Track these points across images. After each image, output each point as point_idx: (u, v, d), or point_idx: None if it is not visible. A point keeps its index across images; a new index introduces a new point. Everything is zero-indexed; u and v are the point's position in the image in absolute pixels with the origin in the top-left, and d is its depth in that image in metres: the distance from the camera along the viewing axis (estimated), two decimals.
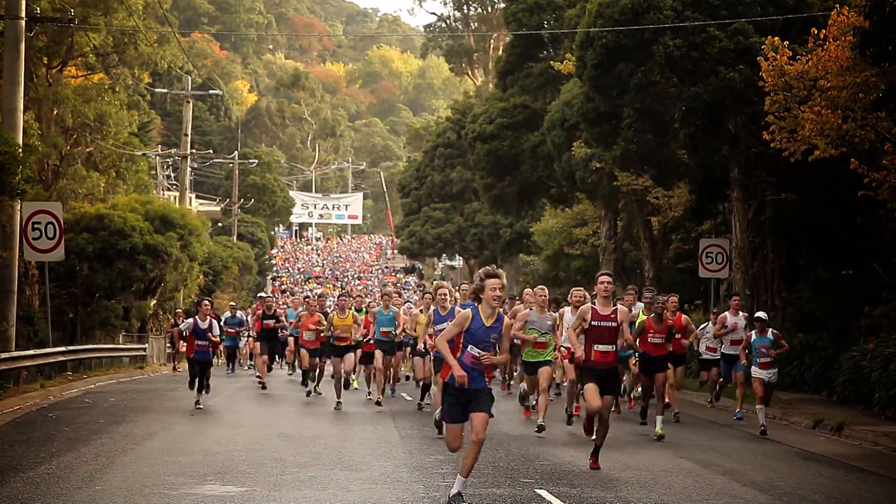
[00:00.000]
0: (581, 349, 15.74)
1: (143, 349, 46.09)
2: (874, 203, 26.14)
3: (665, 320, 21.10)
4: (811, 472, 16.12)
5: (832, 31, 24.39)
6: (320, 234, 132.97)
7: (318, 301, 30.02)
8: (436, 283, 20.48)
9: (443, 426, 13.63)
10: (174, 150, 63.99)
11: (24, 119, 32.32)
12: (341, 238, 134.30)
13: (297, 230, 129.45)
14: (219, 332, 26.51)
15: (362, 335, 25.59)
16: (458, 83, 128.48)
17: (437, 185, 79.76)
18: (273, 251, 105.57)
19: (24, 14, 31.41)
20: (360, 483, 13.97)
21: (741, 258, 31.94)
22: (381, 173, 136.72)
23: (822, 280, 30.94)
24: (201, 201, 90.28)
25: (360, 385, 30.41)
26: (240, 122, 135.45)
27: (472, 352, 12.25)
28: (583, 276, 46.99)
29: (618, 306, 15.72)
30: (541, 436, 18.72)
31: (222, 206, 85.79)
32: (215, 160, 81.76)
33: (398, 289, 51.51)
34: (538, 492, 13.44)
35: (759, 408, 20.79)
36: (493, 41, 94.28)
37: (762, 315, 21.34)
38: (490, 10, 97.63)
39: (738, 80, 28.61)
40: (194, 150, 63.17)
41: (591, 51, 30.88)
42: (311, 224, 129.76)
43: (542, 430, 18.95)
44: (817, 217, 30.66)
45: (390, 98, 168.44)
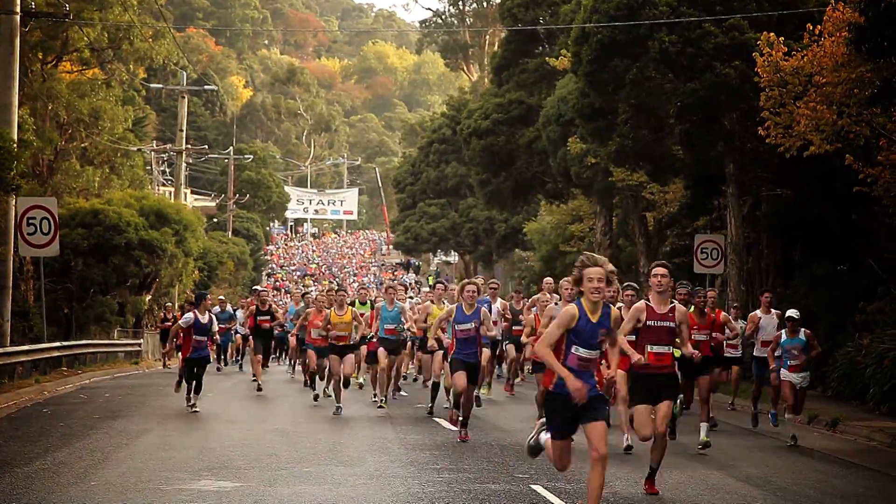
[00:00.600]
0: (636, 354, 13.65)
1: (139, 345, 46.03)
2: (869, 199, 26.17)
3: (708, 314, 19.32)
4: (806, 467, 16.13)
5: (827, 26, 24.39)
6: (316, 230, 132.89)
7: (327, 296, 25.05)
8: (464, 281, 18.45)
9: (538, 448, 11.54)
10: (169, 146, 63.92)
11: (18, 114, 32.27)
12: (336, 233, 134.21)
13: (292, 226, 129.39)
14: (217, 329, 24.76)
15: (363, 333, 23.49)
16: (454, 79, 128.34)
17: (433, 180, 79.73)
18: (268, 247, 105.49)
19: (18, 9, 31.37)
20: (354, 478, 13.96)
21: (736, 254, 31.95)
22: (377, 169, 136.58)
23: (817, 276, 30.97)
24: (196, 197, 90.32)
25: (366, 383, 27.73)
26: (235, 118, 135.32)
27: (579, 353, 10.64)
28: None
29: (675, 304, 13.85)
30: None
31: (217, 201, 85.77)
32: (210, 155, 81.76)
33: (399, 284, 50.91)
34: (534, 487, 13.44)
35: (789, 417, 19.09)
36: (488, 37, 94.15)
37: (794, 314, 19.25)
38: (485, 5, 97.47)
39: (734, 76, 28.61)
40: (189, 146, 63.07)
41: (587, 46, 30.87)
42: (306, 219, 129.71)
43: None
44: (812, 213, 30.68)
45: (386, 93, 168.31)
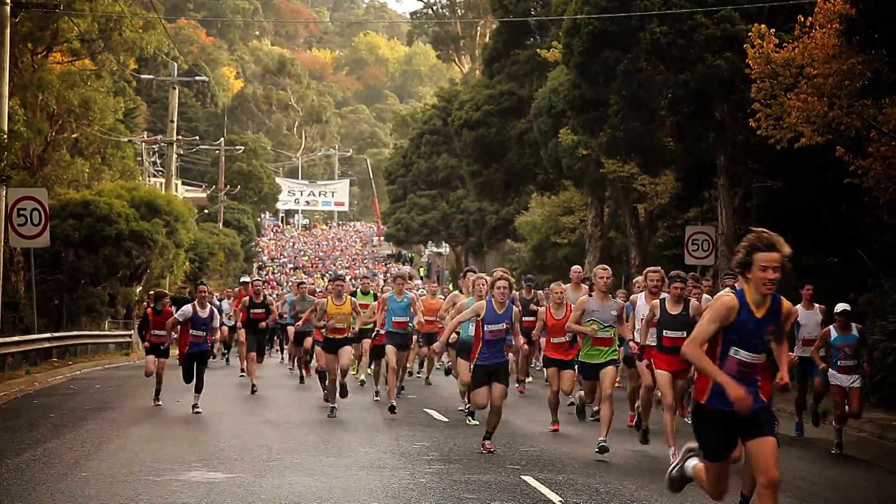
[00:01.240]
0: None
1: (129, 336, 45.95)
2: (860, 190, 26.21)
3: None
4: (795, 457, 16.15)
5: (818, 18, 24.39)
6: (307, 221, 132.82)
7: (334, 285, 20.81)
8: (495, 273, 15.93)
9: (683, 480, 9.68)
10: (160, 137, 63.78)
11: (9, 105, 32.21)
12: (328, 225, 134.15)
13: (283, 217, 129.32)
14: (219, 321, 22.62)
15: (363, 321, 21.37)
16: (445, 70, 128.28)
17: (424, 172, 79.64)
18: (259, 238, 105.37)
19: (8, 0, 31.28)
20: (345, 469, 13.97)
21: (727, 245, 31.97)
22: (368, 160, 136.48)
23: (808, 267, 30.98)
24: (187, 188, 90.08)
25: (368, 380, 25.74)
26: (226, 109, 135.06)
27: (739, 356, 8.75)
28: (569, 265, 46.97)
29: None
30: (602, 458, 15.14)
31: (208, 192, 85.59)
32: (201, 147, 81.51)
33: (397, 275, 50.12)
34: (524, 478, 13.45)
35: (837, 428, 17.30)
36: (479, 28, 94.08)
37: (845, 307, 17.25)
38: None
39: (725, 68, 28.62)
40: (180, 137, 62.98)
41: (578, 38, 30.87)
42: (297, 211, 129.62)
43: (604, 451, 15.17)
44: (803, 204, 30.71)
45: (377, 85, 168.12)
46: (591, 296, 16.34)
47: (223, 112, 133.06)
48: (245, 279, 31.65)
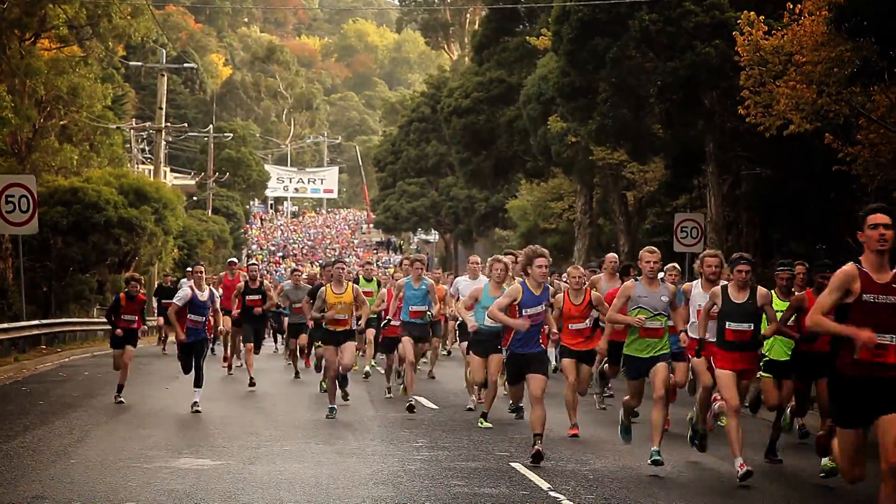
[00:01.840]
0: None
1: None
2: (848, 178, 26.26)
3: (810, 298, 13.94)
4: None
5: (807, 5, 24.39)
6: (296, 208, 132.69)
7: (334, 269, 18.59)
8: (529, 251, 14.07)
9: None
10: (149, 124, 63.60)
11: None
12: (317, 212, 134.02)
13: (272, 204, 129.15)
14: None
15: (368, 313, 19.09)
16: (434, 57, 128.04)
17: (413, 159, 79.58)
18: (248, 225, 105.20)
19: None
20: (334, 456, 13.98)
21: (716, 232, 32.03)
22: (357, 147, 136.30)
23: (796, 254, 30.95)
24: (176, 175, 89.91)
25: (374, 372, 24.56)
26: (215, 96, 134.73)
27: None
28: (558, 252, 47.05)
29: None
30: (656, 472, 13.16)
31: (197, 179, 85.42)
32: (190, 134, 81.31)
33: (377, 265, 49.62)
34: (513, 465, 13.47)
35: None
36: (469, 15, 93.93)
37: None
38: None
39: (714, 55, 28.62)
40: (169, 124, 62.78)
41: (567, 25, 30.86)
42: (286, 198, 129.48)
43: (658, 463, 13.16)
44: (791, 191, 30.75)
45: (366, 72, 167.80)
46: (636, 280, 13.94)
47: (212, 99, 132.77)
48: (233, 261, 28.78)
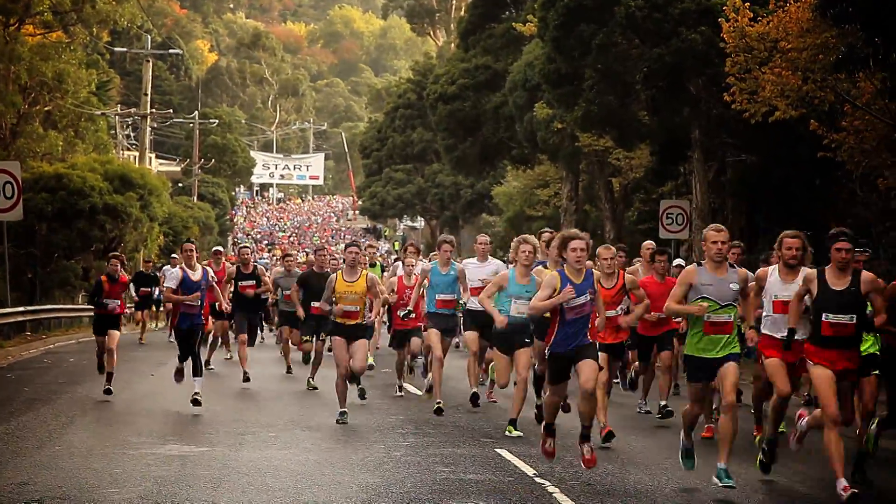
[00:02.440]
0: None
1: None
2: (833, 164, 26.33)
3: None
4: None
5: None
6: (282, 195, 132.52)
7: (347, 253, 16.41)
8: (566, 235, 12.20)
9: None
10: (134, 110, 63.50)
11: None
12: (302, 199, 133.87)
13: (258, 190, 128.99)
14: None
15: (382, 303, 17.49)
16: (420, 44, 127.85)
17: (398, 146, 79.48)
18: (234, 212, 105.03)
19: None
20: (321, 442, 14.00)
21: (702, 219, 32.06)
22: (343, 134, 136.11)
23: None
24: (161, 161, 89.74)
25: (376, 364, 22.36)
26: (200, 82, 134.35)
27: None
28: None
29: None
30: (729, 485, 11.19)
31: (182, 166, 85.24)
32: (175, 120, 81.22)
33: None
34: (498, 451, 13.50)
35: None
36: (454, 1, 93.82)
37: None
38: None
39: (700, 42, 28.63)
40: (154, 110, 62.67)
41: (553, 11, 30.83)
42: (272, 184, 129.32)
43: (730, 485, 11.20)
44: (777, 178, 30.82)
45: (352, 58, 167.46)
46: (700, 265, 11.66)
47: (197, 85, 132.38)
48: (219, 249, 25.76)
